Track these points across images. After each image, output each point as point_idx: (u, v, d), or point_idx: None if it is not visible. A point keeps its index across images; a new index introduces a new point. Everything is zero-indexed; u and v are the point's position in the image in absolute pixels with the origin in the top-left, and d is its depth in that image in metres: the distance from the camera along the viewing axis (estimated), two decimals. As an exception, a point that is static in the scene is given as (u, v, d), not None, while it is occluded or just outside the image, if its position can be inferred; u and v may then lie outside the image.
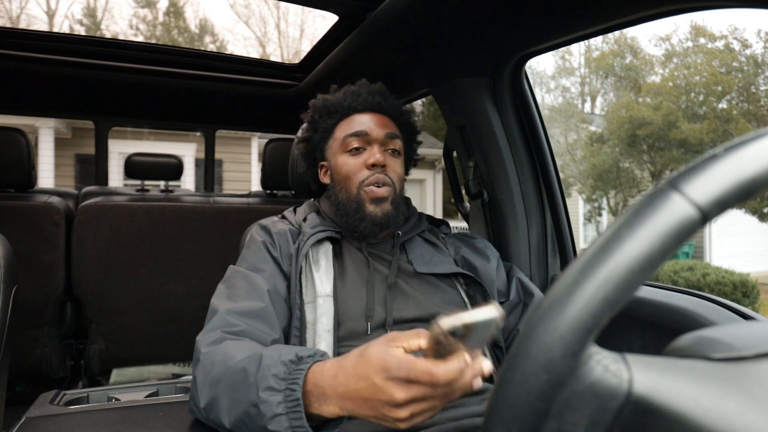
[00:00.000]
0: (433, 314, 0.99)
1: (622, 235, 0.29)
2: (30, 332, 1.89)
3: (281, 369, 0.68)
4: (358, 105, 1.06)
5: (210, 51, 3.12)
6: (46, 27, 16.31)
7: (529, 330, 0.29)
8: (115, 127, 2.85)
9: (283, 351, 0.73)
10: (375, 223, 1.01)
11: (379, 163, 1.01)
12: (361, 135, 1.04)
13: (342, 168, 1.05)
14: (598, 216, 11.89)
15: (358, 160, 1.03)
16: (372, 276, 1.00)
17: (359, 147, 1.04)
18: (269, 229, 1.05)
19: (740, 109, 9.18)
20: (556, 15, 1.14)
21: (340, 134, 1.07)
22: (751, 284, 6.62)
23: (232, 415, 0.72)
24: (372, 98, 1.07)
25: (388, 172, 1.03)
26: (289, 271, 0.99)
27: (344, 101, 1.07)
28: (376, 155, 1.01)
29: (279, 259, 1.00)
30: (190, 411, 0.83)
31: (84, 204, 1.92)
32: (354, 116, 1.06)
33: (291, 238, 1.03)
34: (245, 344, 0.81)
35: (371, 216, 1.01)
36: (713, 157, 0.30)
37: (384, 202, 1.02)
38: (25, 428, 0.85)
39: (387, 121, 1.07)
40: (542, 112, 1.52)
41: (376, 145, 1.04)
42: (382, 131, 1.04)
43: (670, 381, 0.29)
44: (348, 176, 1.04)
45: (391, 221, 1.03)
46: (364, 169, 1.03)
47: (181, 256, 2.01)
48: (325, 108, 1.09)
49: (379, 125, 1.05)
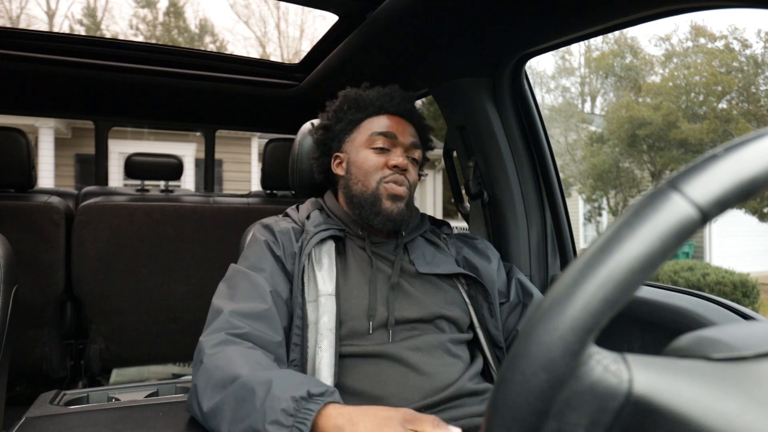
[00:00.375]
0: (434, 314, 0.99)
1: (622, 235, 0.29)
2: (30, 332, 1.89)
3: (291, 405, 0.70)
4: (390, 107, 1.09)
5: (210, 51, 3.11)
6: (46, 27, 16.30)
7: (529, 330, 0.29)
8: (115, 127, 2.85)
9: (293, 382, 0.73)
10: (390, 219, 1.03)
11: (401, 166, 1.04)
12: (389, 136, 1.06)
13: (364, 163, 1.06)
14: (598, 216, 11.89)
15: (381, 159, 1.05)
16: (375, 275, 1.00)
17: (384, 147, 1.06)
18: (272, 228, 1.05)
19: (740, 109, 9.18)
20: (556, 15, 1.14)
21: (366, 130, 1.08)
22: (751, 284, 6.62)
23: (233, 429, 0.72)
24: (404, 104, 1.10)
25: (407, 175, 1.06)
26: (291, 270, 0.99)
27: (377, 100, 1.09)
28: (400, 158, 1.04)
29: (282, 258, 1.00)
30: (188, 409, 0.84)
31: (84, 204, 1.92)
32: (384, 116, 1.09)
33: (294, 236, 1.03)
34: (251, 353, 0.82)
35: (387, 211, 1.02)
36: (713, 157, 0.30)
37: (401, 200, 1.04)
38: (25, 428, 0.86)
39: (413, 130, 1.10)
40: (542, 112, 1.52)
41: (401, 148, 1.06)
42: (409, 138, 1.08)
43: (670, 381, 0.29)
44: (369, 172, 1.05)
45: (403, 220, 1.05)
46: (385, 168, 1.05)
47: (181, 256, 2.01)
48: (356, 101, 1.11)
49: (407, 131, 1.08)
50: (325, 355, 0.89)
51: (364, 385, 0.91)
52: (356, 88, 1.14)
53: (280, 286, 0.96)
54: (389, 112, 1.09)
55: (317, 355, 0.90)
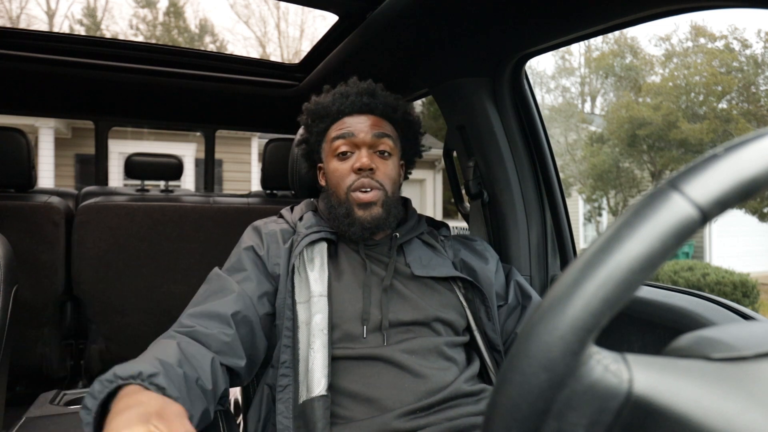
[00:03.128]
0: (429, 317, 0.98)
1: (622, 235, 0.29)
2: (30, 332, 1.89)
3: (96, 387, 0.65)
4: (346, 108, 1.04)
5: (210, 51, 3.11)
6: (46, 27, 16.30)
7: (529, 330, 0.29)
8: (115, 127, 2.85)
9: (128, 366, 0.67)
10: (364, 227, 1.00)
11: (365, 167, 0.99)
12: (346, 137, 1.02)
13: (333, 174, 1.04)
14: (598, 216, 11.89)
15: (346, 165, 1.02)
16: (368, 278, 0.99)
17: (347, 151, 1.02)
18: (260, 230, 1.06)
19: (740, 109, 9.17)
20: (556, 15, 1.14)
21: (330, 138, 1.06)
22: (751, 284, 6.61)
23: None
24: (360, 99, 1.05)
25: (377, 175, 1.01)
26: (274, 271, 0.99)
27: (333, 105, 1.05)
28: (363, 159, 1.00)
29: (264, 259, 0.99)
30: None
31: (84, 204, 1.92)
32: (344, 119, 1.05)
33: (282, 237, 1.03)
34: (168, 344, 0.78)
35: (360, 221, 1.00)
36: (713, 157, 0.30)
37: (372, 206, 1.00)
38: (25, 428, 0.86)
39: (377, 121, 1.04)
40: (542, 112, 1.52)
41: (364, 148, 1.02)
42: (369, 132, 1.02)
43: (670, 381, 0.29)
44: (337, 182, 1.03)
45: (381, 224, 1.02)
46: (351, 174, 1.01)
47: (181, 256, 2.01)
48: (316, 112, 1.08)
49: (367, 126, 1.03)
50: (318, 356, 0.88)
51: (359, 386, 0.90)
52: (317, 97, 1.11)
53: (257, 285, 0.96)
54: (346, 113, 1.04)
55: (310, 356, 0.89)
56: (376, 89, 1.08)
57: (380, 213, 1.00)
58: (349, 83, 1.09)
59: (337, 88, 1.10)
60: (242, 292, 0.93)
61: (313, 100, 1.11)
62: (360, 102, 1.04)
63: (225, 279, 0.96)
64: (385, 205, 1.01)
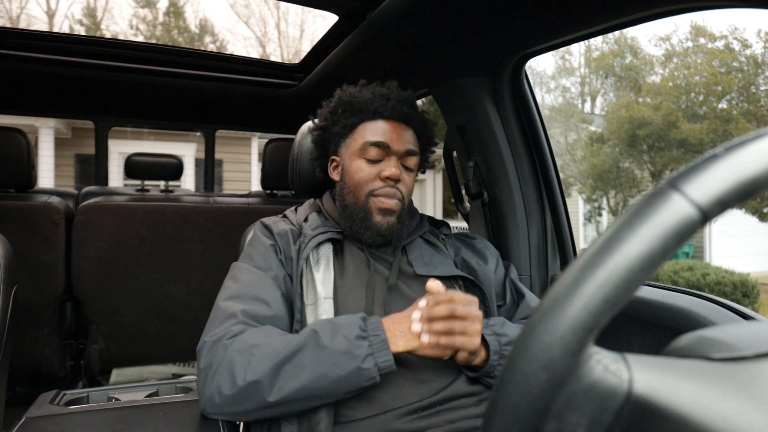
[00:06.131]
0: None
1: (622, 235, 0.29)
2: (30, 332, 1.89)
3: (360, 323, 0.83)
4: (385, 111, 1.04)
5: (210, 51, 3.11)
6: (46, 27, 16.29)
7: (529, 330, 0.29)
8: (115, 127, 2.85)
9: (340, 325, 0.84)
10: (379, 233, 1.01)
11: (394, 177, 1.01)
12: (381, 146, 1.02)
13: (356, 174, 1.03)
14: (598, 216, 11.89)
15: (373, 170, 1.02)
16: (372, 277, 1.00)
17: (377, 159, 1.02)
18: (272, 229, 1.05)
19: (740, 109, 9.17)
20: (556, 15, 1.14)
21: (360, 137, 1.04)
22: (751, 284, 6.61)
23: (307, 375, 0.79)
24: (400, 107, 1.04)
25: (401, 186, 1.03)
26: (290, 272, 0.99)
27: (372, 103, 1.04)
28: (393, 169, 1.01)
29: (282, 260, 1.00)
30: (207, 396, 0.82)
31: (84, 204, 1.92)
32: (378, 121, 1.04)
33: (292, 238, 1.03)
34: (272, 330, 0.87)
35: (377, 226, 1.00)
36: (713, 157, 0.30)
37: (391, 215, 1.01)
38: (25, 428, 0.86)
39: (410, 135, 1.05)
40: (542, 112, 1.52)
41: (395, 158, 1.03)
42: (404, 146, 1.03)
43: (670, 381, 0.29)
44: (360, 184, 1.03)
45: (394, 235, 1.03)
46: (377, 180, 1.02)
47: (181, 256, 2.01)
48: (351, 104, 1.06)
49: (401, 138, 1.03)
50: None
51: None
52: (352, 88, 1.10)
53: (284, 287, 0.97)
54: (384, 116, 1.04)
55: None
56: (414, 100, 1.08)
57: (395, 224, 1.02)
58: (388, 85, 1.08)
59: (373, 85, 1.09)
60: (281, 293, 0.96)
61: (349, 92, 1.08)
62: (400, 110, 1.04)
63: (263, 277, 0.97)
64: (401, 218, 1.04)
